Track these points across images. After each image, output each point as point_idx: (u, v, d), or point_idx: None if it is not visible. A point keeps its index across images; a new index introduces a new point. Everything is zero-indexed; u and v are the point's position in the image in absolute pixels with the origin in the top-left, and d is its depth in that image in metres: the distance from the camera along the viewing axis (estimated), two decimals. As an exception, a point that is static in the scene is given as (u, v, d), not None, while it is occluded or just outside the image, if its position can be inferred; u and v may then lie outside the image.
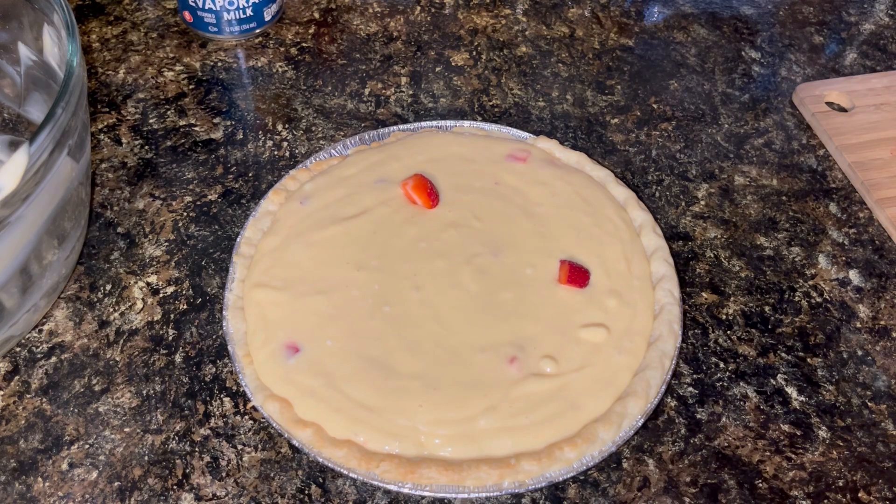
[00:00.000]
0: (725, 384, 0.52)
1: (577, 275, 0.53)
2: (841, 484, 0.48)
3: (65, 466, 0.47)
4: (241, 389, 0.50)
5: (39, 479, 0.47)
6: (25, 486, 0.46)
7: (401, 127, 0.64)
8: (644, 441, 0.49)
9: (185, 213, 0.60)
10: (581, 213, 0.57)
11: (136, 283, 0.56)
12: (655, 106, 0.70)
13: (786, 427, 0.50)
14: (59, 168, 0.45)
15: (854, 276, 0.59)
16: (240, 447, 0.48)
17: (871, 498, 0.47)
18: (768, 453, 0.49)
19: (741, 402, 0.51)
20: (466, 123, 0.64)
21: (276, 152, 0.65)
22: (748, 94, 0.72)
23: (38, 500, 0.46)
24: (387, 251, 0.55)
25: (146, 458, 0.48)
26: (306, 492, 0.47)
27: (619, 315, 0.52)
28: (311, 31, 0.75)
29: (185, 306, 0.55)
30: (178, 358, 0.52)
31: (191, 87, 0.69)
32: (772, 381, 0.53)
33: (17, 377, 0.51)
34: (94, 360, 0.52)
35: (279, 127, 0.67)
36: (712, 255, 0.59)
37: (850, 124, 0.68)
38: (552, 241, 0.56)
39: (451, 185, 0.59)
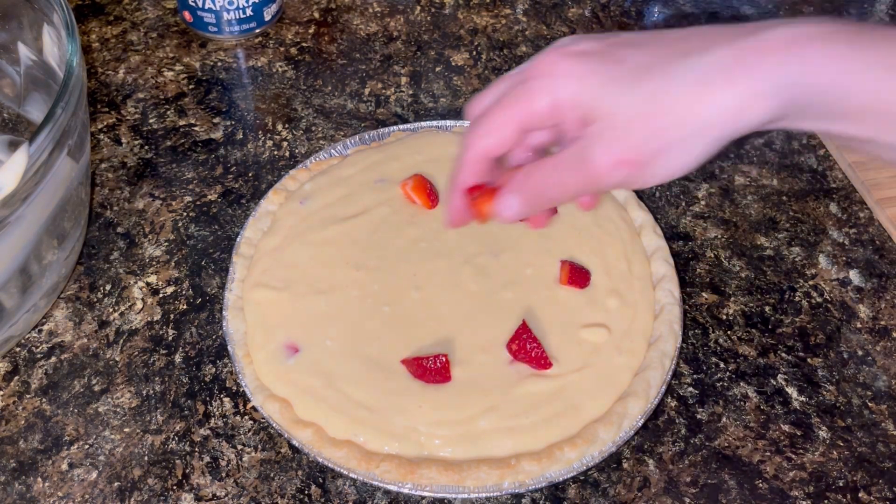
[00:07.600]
0: (726, 384, 0.52)
1: (577, 275, 0.53)
2: (841, 484, 0.48)
3: (64, 467, 0.47)
4: (241, 389, 0.50)
5: (39, 479, 0.47)
6: (25, 486, 0.46)
7: (401, 127, 0.64)
8: (644, 441, 0.49)
9: (184, 213, 0.60)
10: (581, 213, 0.57)
11: (135, 283, 0.56)
12: (655, 106, 0.70)
13: (786, 427, 0.50)
14: (58, 168, 0.45)
15: (854, 276, 0.59)
16: (240, 447, 0.48)
17: (872, 498, 0.47)
18: (769, 453, 0.49)
19: (741, 403, 0.51)
20: (467, 123, 0.64)
21: (275, 152, 0.65)
22: (748, 93, 0.72)
23: (37, 501, 0.46)
24: (386, 251, 0.55)
25: (146, 458, 0.48)
26: (306, 492, 0.47)
27: (620, 315, 0.52)
28: (311, 30, 0.75)
29: (184, 306, 0.55)
30: (177, 358, 0.52)
31: (190, 86, 0.69)
32: (772, 381, 0.53)
33: (16, 377, 0.51)
34: (94, 361, 0.52)
35: (279, 127, 0.67)
36: (712, 255, 0.59)
37: (851, 124, 0.68)
38: (552, 241, 0.56)
39: (451, 185, 0.59)
